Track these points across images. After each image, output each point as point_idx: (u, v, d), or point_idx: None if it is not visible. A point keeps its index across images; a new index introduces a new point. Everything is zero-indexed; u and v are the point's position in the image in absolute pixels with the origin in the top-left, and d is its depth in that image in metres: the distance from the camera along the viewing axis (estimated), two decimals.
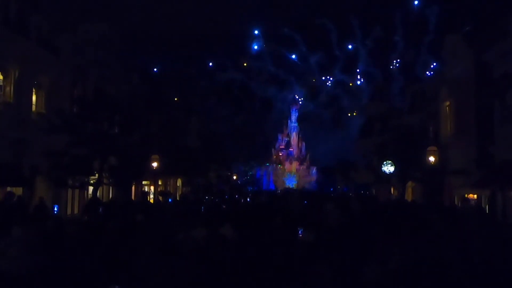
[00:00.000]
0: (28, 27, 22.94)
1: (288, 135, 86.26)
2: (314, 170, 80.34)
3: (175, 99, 44.48)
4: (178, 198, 32.58)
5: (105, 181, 23.09)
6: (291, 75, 78.17)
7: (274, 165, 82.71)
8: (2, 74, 21.51)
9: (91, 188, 23.47)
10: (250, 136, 75.39)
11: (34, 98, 23.70)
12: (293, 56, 75.98)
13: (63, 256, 6.77)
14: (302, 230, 10.22)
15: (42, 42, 23.60)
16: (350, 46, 69.44)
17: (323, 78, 77.89)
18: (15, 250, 3.88)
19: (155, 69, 39.66)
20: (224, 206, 19.53)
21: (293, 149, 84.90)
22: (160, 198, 27.21)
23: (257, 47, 71.91)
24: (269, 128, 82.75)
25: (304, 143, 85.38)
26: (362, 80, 71.84)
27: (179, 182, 44.89)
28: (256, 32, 72.01)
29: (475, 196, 23.38)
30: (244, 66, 74.55)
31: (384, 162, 29.94)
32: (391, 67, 61.52)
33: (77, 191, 24.46)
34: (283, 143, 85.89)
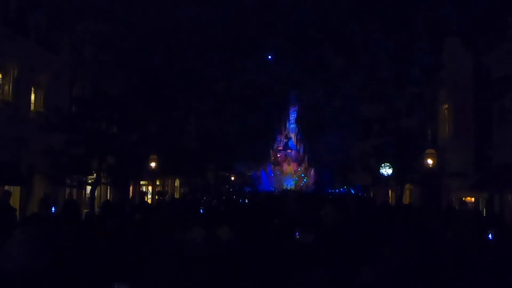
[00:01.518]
0: (27, 25, 22.93)
1: (287, 136, 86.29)
2: (312, 171, 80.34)
3: (175, 98, 44.51)
4: (175, 198, 32.55)
5: (103, 180, 23.09)
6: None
7: (272, 166, 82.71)
8: (0, 73, 21.50)
9: (89, 188, 23.47)
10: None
11: (32, 96, 23.68)
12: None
13: (61, 256, 6.77)
14: (299, 231, 10.22)
15: (41, 41, 23.59)
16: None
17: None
18: (17, 251, 3.90)
19: (155, 68, 39.70)
20: (222, 207, 19.53)
21: (291, 150, 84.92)
22: (166, 197, 27.28)
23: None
24: (274, 128, 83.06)
25: (302, 145, 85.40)
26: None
27: (177, 183, 44.89)
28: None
29: (473, 199, 23.44)
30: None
31: (382, 164, 29.99)
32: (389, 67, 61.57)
33: (75, 190, 24.43)
34: (282, 144, 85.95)
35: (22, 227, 4.32)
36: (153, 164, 28.19)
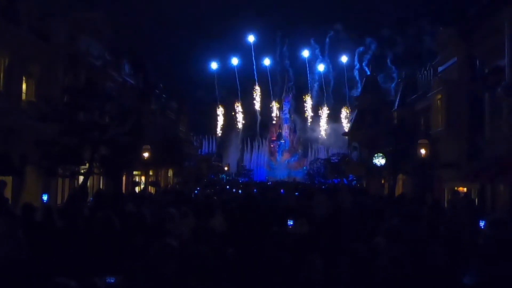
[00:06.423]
0: (19, 13, 22.65)
1: (280, 127, 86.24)
2: (305, 162, 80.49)
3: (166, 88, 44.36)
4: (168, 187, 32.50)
5: (95, 171, 22.97)
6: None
7: (266, 156, 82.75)
8: None
9: (81, 178, 23.36)
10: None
11: (24, 86, 23.45)
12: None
13: (51, 247, 6.74)
14: (293, 221, 10.24)
15: (33, 30, 23.33)
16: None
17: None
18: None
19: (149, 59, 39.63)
20: (215, 197, 19.53)
21: (285, 141, 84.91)
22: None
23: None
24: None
25: (296, 135, 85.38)
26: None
27: (170, 173, 44.83)
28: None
29: (465, 189, 23.56)
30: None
31: (375, 155, 30.10)
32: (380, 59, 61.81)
33: (67, 180, 24.32)
34: (275, 135, 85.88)
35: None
36: (146, 154, 28.11)
